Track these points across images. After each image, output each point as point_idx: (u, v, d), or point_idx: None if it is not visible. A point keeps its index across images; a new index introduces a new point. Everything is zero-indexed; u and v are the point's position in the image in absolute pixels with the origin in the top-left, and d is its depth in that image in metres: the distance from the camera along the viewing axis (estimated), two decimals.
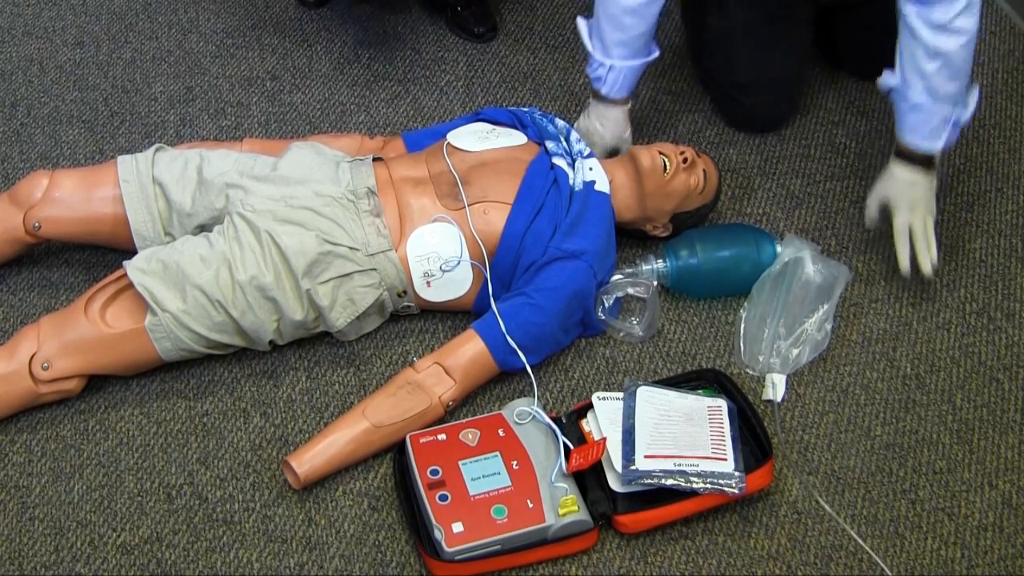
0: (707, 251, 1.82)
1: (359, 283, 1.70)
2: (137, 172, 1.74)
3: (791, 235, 1.87)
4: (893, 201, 1.81)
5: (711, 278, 1.83)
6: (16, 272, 1.87)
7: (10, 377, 1.62)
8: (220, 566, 1.55)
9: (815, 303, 1.80)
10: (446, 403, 1.66)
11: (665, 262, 1.85)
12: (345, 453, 1.61)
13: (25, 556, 1.55)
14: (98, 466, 1.65)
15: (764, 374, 1.76)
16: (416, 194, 1.76)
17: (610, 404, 1.63)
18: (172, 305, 1.61)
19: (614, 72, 1.89)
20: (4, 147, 2.10)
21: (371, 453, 1.64)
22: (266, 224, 1.66)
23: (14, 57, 2.28)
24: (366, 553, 1.56)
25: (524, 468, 1.56)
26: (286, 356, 1.78)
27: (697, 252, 1.82)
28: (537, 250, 1.73)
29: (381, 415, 1.63)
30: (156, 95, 2.21)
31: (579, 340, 1.81)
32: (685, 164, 1.83)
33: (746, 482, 1.53)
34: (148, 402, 1.72)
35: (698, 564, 1.56)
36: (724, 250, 1.83)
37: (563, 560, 1.55)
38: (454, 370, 1.67)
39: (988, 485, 1.65)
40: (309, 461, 1.59)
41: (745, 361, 1.78)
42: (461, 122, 1.94)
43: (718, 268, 1.82)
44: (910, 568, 1.57)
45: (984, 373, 1.78)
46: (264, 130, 2.14)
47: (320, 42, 2.31)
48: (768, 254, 1.83)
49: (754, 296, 1.82)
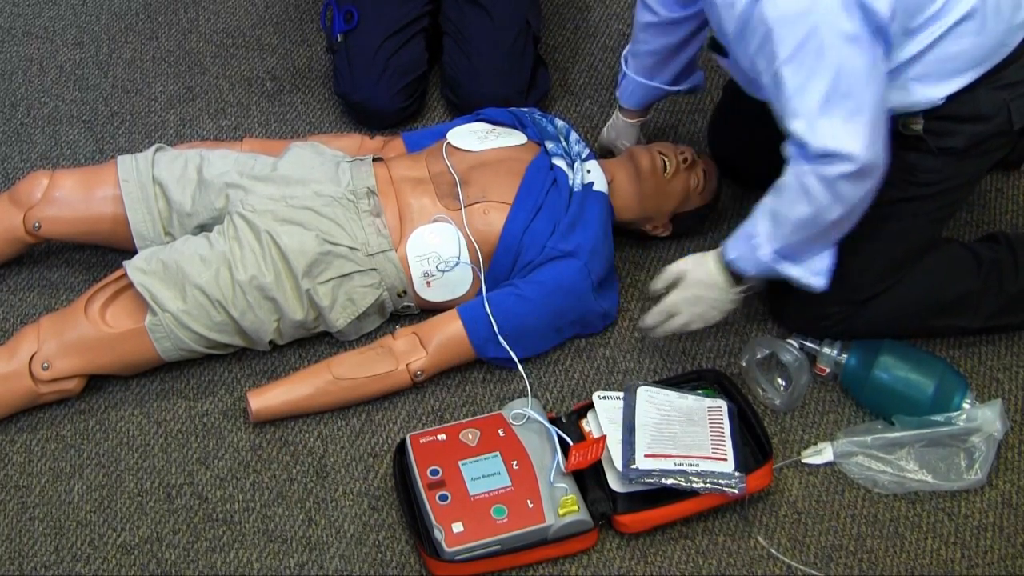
0: (886, 365, 1.68)
1: (359, 283, 1.70)
2: (137, 172, 1.74)
3: (994, 405, 1.65)
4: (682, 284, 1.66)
5: (878, 391, 1.69)
6: (16, 272, 1.87)
7: (10, 377, 1.62)
8: (220, 566, 1.55)
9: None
10: (413, 372, 1.68)
11: (847, 354, 1.73)
12: (301, 398, 1.66)
13: (25, 556, 1.55)
14: (98, 466, 1.65)
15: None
16: (416, 194, 1.76)
17: (610, 403, 1.63)
18: (172, 305, 1.61)
19: (626, 80, 1.90)
20: (4, 147, 2.10)
21: (328, 405, 1.68)
22: (266, 224, 1.66)
23: (14, 57, 2.28)
24: (366, 553, 1.56)
25: (524, 468, 1.56)
26: (286, 356, 1.78)
27: (878, 362, 1.68)
28: (535, 249, 1.74)
29: (345, 369, 1.67)
30: (156, 95, 2.21)
31: (579, 340, 1.81)
32: (685, 164, 1.83)
33: (746, 482, 1.53)
34: (148, 402, 1.72)
35: (698, 564, 1.56)
36: (905, 372, 1.68)
37: (563, 560, 1.55)
38: (428, 343, 1.69)
39: (988, 485, 1.65)
40: (264, 398, 1.65)
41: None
42: (461, 122, 1.94)
43: (887, 387, 1.68)
44: (910, 568, 1.57)
45: (984, 373, 1.78)
46: (264, 130, 2.14)
47: (320, 42, 2.31)
48: (950, 400, 1.66)
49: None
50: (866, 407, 1.73)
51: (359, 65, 2.06)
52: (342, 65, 2.09)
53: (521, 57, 2.09)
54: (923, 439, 1.64)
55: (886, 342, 1.72)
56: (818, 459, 1.66)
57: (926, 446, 1.64)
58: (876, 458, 1.65)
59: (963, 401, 1.66)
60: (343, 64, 2.09)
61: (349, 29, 2.08)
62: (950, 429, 1.63)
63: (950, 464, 1.64)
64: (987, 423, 1.63)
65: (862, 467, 1.65)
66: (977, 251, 1.78)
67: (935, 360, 1.72)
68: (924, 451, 1.64)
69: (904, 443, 1.64)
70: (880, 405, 1.70)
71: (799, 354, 1.74)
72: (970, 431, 1.63)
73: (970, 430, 1.63)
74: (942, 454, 1.64)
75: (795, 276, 1.57)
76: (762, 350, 1.76)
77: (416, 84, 2.11)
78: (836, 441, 1.67)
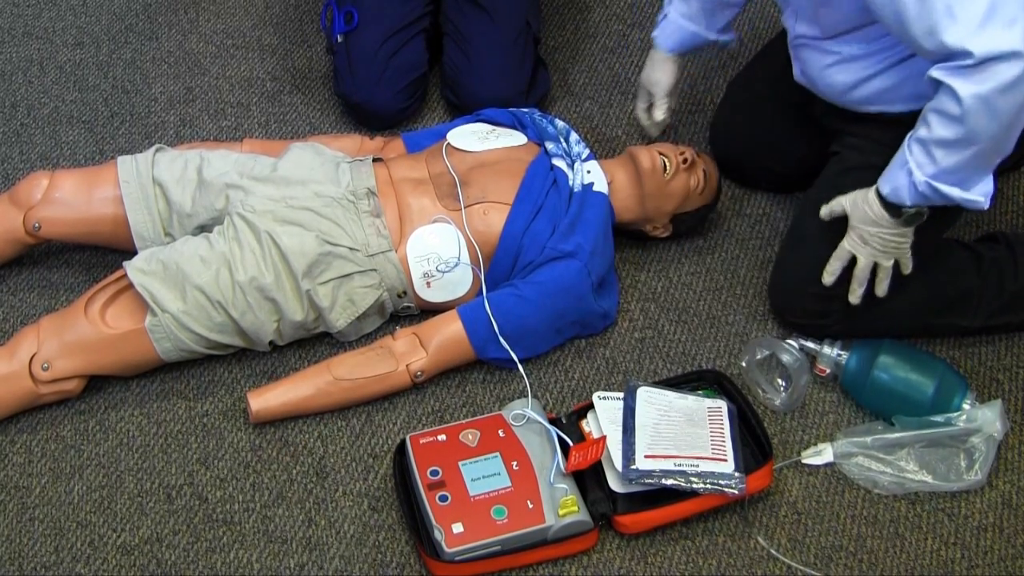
0: (886, 365, 1.68)
1: (359, 284, 1.70)
2: (137, 172, 1.74)
3: (994, 405, 1.65)
4: (850, 219, 1.65)
5: (878, 392, 1.69)
6: (16, 272, 1.87)
7: (10, 378, 1.62)
8: (220, 566, 1.55)
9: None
10: (413, 372, 1.68)
11: (847, 354, 1.72)
12: (301, 398, 1.66)
13: (25, 556, 1.55)
14: (98, 467, 1.65)
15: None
16: (416, 194, 1.76)
17: (610, 404, 1.63)
18: (172, 306, 1.61)
19: (666, 22, 1.89)
20: (4, 147, 2.10)
21: (328, 405, 1.68)
22: (266, 225, 1.66)
23: (14, 57, 2.28)
24: (366, 554, 1.56)
25: (524, 469, 1.56)
26: (286, 356, 1.78)
27: (877, 362, 1.68)
28: (535, 250, 1.74)
29: (345, 370, 1.67)
30: (156, 96, 2.21)
31: (579, 340, 1.81)
32: (685, 164, 1.83)
33: (746, 483, 1.53)
34: (148, 402, 1.72)
35: (698, 564, 1.56)
36: (905, 372, 1.67)
37: (563, 560, 1.55)
38: (428, 344, 1.69)
39: (988, 485, 1.65)
40: (264, 399, 1.65)
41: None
42: (461, 122, 1.94)
43: (887, 387, 1.68)
44: (910, 568, 1.57)
45: (984, 373, 1.78)
46: (264, 131, 2.14)
47: (320, 42, 2.31)
48: (950, 401, 1.66)
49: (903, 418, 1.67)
50: (866, 408, 1.73)
51: (359, 66, 2.06)
52: (342, 66, 2.09)
53: (521, 57, 2.09)
54: (923, 440, 1.64)
55: (886, 342, 1.72)
56: (818, 460, 1.66)
57: (926, 447, 1.64)
58: (876, 459, 1.65)
59: (963, 402, 1.66)
60: (343, 65, 2.09)
61: (349, 30, 2.08)
62: (950, 430, 1.63)
63: (950, 465, 1.64)
64: (987, 424, 1.63)
65: (862, 468, 1.65)
66: (977, 250, 1.78)
67: (935, 361, 1.71)
68: (924, 452, 1.64)
69: (904, 444, 1.64)
70: (880, 406, 1.70)
71: (799, 354, 1.74)
72: (970, 432, 1.63)
73: (970, 431, 1.63)
74: (942, 455, 1.64)
75: (955, 197, 1.53)
76: (762, 350, 1.76)
77: (416, 84, 2.11)
78: (836, 442, 1.67)
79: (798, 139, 1.91)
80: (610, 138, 2.14)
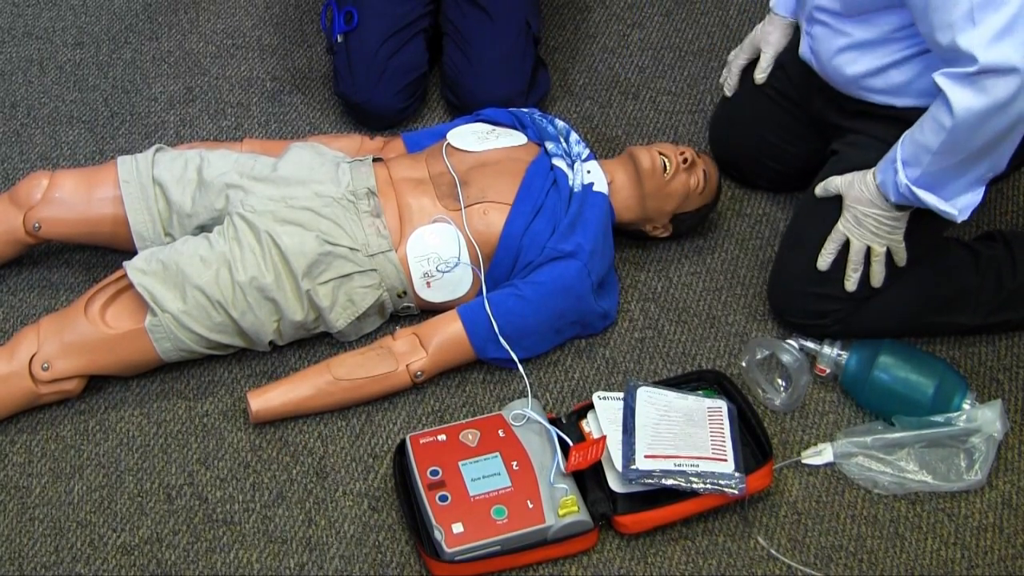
0: (886, 365, 1.68)
1: (359, 284, 1.71)
2: (137, 172, 1.74)
3: (994, 405, 1.65)
4: (844, 200, 1.67)
5: (878, 392, 1.69)
6: (16, 272, 1.87)
7: (10, 378, 1.62)
8: (220, 566, 1.55)
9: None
10: (414, 372, 1.68)
11: (847, 354, 1.72)
12: (301, 398, 1.66)
13: (25, 556, 1.55)
14: (98, 467, 1.65)
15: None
16: (416, 194, 1.76)
17: (610, 403, 1.63)
18: (172, 306, 1.61)
19: None
20: (4, 147, 2.10)
21: (328, 406, 1.68)
22: (266, 225, 1.66)
23: (14, 57, 2.28)
24: (366, 554, 1.56)
25: (524, 469, 1.56)
26: (286, 356, 1.78)
27: (877, 362, 1.68)
28: (535, 250, 1.74)
29: (345, 370, 1.67)
30: (156, 96, 2.21)
31: (579, 340, 1.81)
32: (685, 164, 1.83)
33: (746, 483, 1.53)
34: (148, 402, 1.72)
35: (698, 564, 1.56)
36: (905, 372, 1.67)
37: (563, 561, 1.55)
38: (428, 344, 1.69)
39: (988, 485, 1.65)
40: (264, 399, 1.65)
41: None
42: (461, 122, 1.94)
43: (887, 387, 1.68)
44: (910, 568, 1.57)
45: (984, 373, 1.78)
46: (264, 130, 2.14)
47: (320, 42, 2.31)
48: (950, 401, 1.66)
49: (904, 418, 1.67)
50: (866, 408, 1.73)
51: (359, 66, 2.06)
52: (342, 66, 2.09)
53: (521, 58, 2.09)
54: (923, 440, 1.64)
55: (886, 342, 1.72)
56: (818, 460, 1.66)
57: (926, 447, 1.64)
58: (876, 459, 1.65)
59: (963, 402, 1.66)
60: (343, 65, 2.09)
61: (349, 30, 2.08)
62: (950, 430, 1.63)
63: (950, 465, 1.64)
64: (987, 424, 1.63)
65: (862, 468, 1.65)
66: (975, 248, 1.78)
67: (935, 361, 1.71)
68: (924, 452, 1.64)
69: (904, 444, 1.64)
70: (880, 406, 1.70)
71: (799, 354, 1.74)
72: (970, 432, 1.63)
73: (970, 431, 1.63)
74: (942, 455, 1.64)
75: (931, 204, 1.55)
76: (762, 350, 1.76)
77: (416, 84, 2.11)
78: (836, 442, 1.67)
79: (798, 139, 1.91)
80: (610, 138, 2.14)
